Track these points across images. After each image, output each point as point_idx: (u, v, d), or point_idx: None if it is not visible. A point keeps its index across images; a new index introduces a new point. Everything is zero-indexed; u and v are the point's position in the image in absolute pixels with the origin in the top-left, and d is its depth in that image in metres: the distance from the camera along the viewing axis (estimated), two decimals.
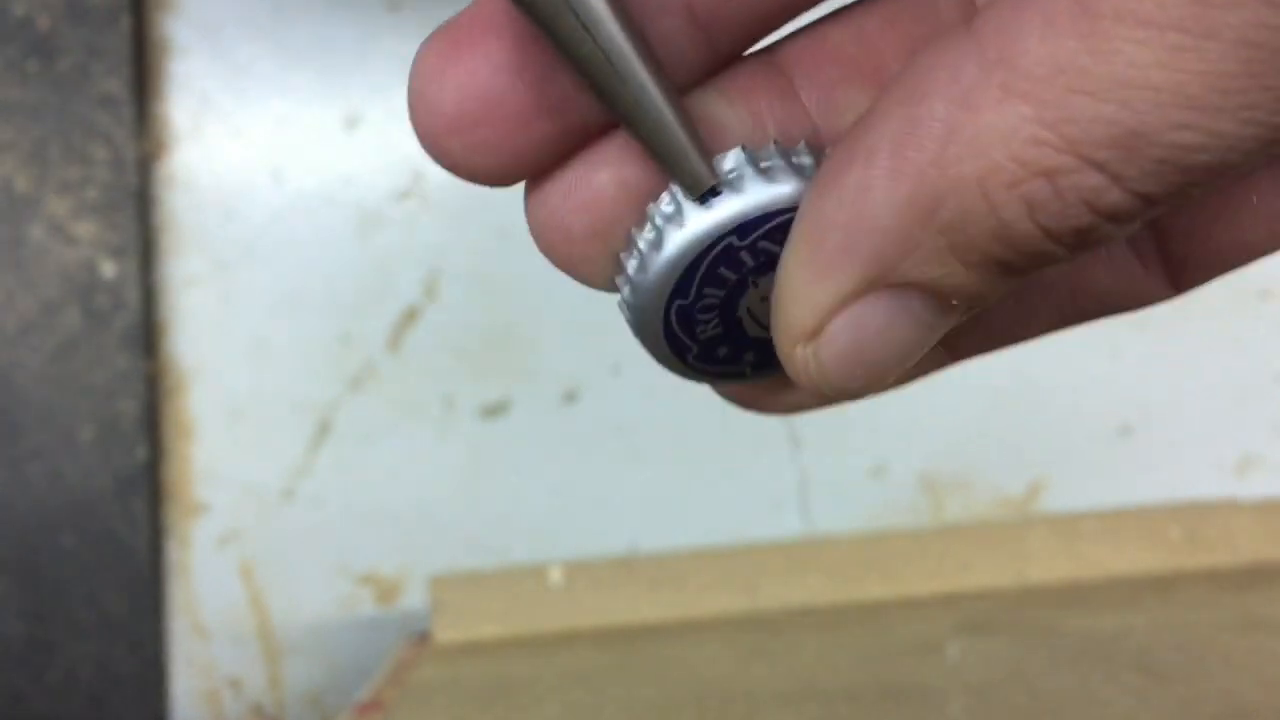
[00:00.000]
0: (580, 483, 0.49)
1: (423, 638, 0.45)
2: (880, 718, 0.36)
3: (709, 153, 0.15)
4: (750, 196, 0.15)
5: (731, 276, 0.16)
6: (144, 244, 0.47)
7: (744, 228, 0.15)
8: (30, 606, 0.47)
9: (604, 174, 0.15)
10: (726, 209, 0.15)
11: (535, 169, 0.16)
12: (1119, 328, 0.49)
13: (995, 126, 0.12)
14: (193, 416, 0.48)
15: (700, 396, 0.17)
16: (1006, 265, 0.13)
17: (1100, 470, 0.49)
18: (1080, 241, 0.13)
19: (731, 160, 0.15)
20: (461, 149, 0.15)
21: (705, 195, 0.15)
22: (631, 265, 0.16)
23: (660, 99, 0.14)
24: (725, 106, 0.16)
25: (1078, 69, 0.12)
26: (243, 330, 0.48)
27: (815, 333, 0.14)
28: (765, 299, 0.16)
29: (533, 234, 0.16)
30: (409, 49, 0.53)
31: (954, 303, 0.14)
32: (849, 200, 0.13)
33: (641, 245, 0.16)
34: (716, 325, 0.16)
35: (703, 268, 0.15)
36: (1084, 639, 0.40)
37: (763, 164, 0.15)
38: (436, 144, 0.15)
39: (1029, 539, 0.46)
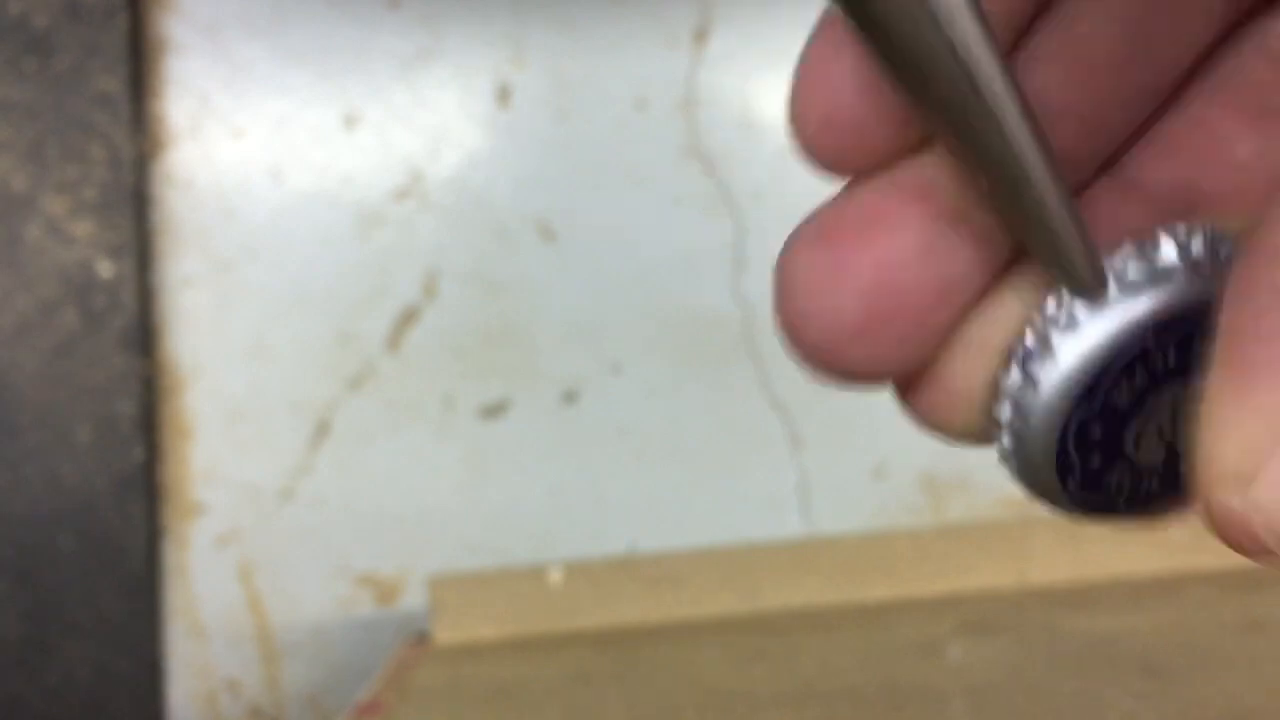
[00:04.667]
0: (580, 483, 0.49)
1: (422, 638, 0.45)
2: (881, 718, 0.35)
3: (1097, 252, 0.14)
4: (1151, 298, 0.14)
5: (1128, 392, 0.14)
6: (141, 244, 0.47)
7: (1150, 331, 0.14)
8: (27, 608, 0.46)
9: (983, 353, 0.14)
10: (1130, 310, 0.14)
11: (924, 359, 0.14)
12: None
13: None
14: (191, 417, 0.48)
15: (700, 397, 0.16)
16: None
17: None
18: None
19: (1122, 258, 0.14)
20: (865, 357, 0.14)
21: (1096, 297, 0.14)
22: (1013, 385, 0.14)
23: (1059, 195, 0.13)
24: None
25: None
26: (241, 330, 0.48)
27: (1250, 477, 0.12)
28: (1158, 421, 0.14)
29: (923, 422, 0.15)
30: (408, 48, 0.53)
31: None
32: None
33: (1027, 361, 0.14)
34: (1102, 449, 0.15)
35: (1103, 379, 0.14)
36: (1086, 640, 0.39)
37: (1160, 261, 0.14)
38: (832, 355, 0.14)
39: (1030, 539, 0.45)
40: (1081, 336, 0.14)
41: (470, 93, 0.49)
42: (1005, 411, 0.14)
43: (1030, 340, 0.14)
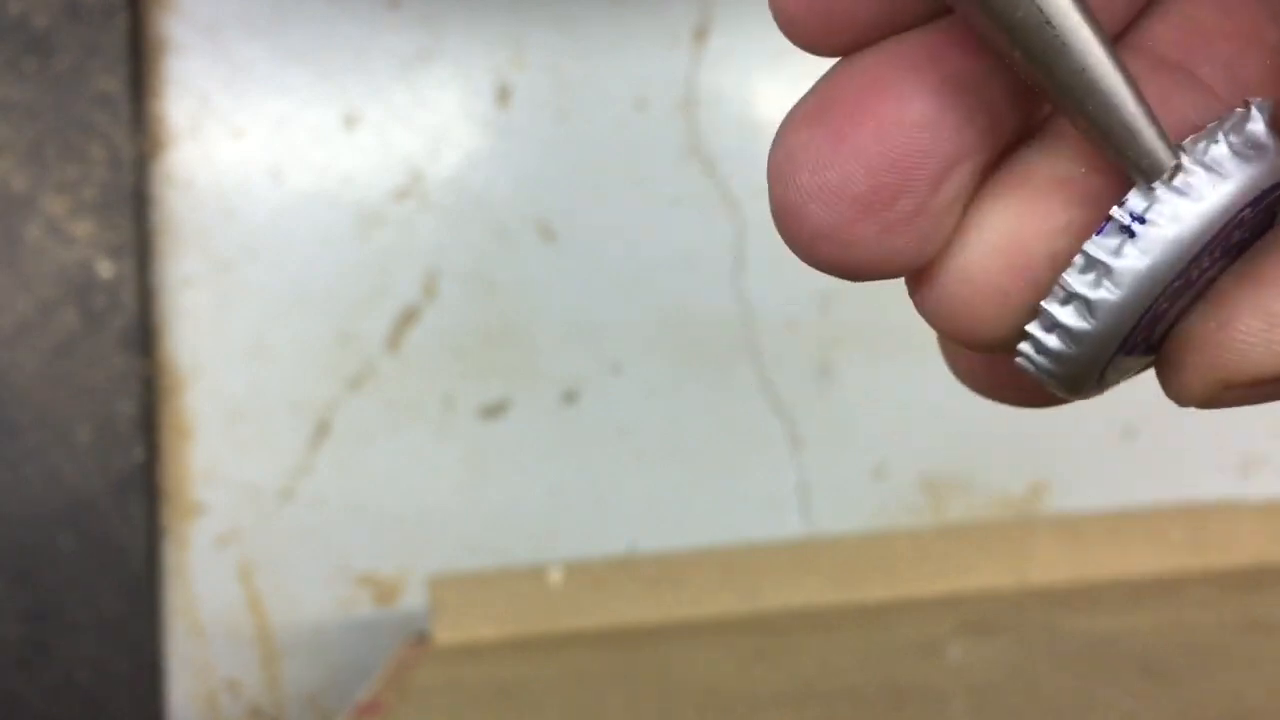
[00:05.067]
0: (580, 483, 0.49)
1: (422, 639, 0.45)
2: (881, 718, 0.35)
3: (1165, 130, 0.12)
4: (1240, 178, 0.12)
5: (1199, 274, 0.13)
6: (141, 244, 0.47)
7: (1239, 213, 0.12)
8: (27, 607, 0.46)
9: (1032, 223, 0.13)
10: (1220, 194, 0.12)
11: (938, 245, 0.13)
12: None
13: None
14: (191, 417, 0.48)
15: (700, 397, 0.16)
16: None
17: (1102, 471, 0.49)
18: None
19: (1197, 139, 0.13)
20: (876, 232, 0.13)
21: (1177, 181, 0.12)
22: (1082, 283, 0.13)
23: (1112, 65, 0.12)
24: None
25: None
26: (241, 330, 0.48)
27: (1237, 387, 0.12)
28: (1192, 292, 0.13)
29: (940, 319, 0.14)
30: (408, 48, 0.53)
31: None
32: None
33: (1099, 256, 0.12)
34: (1148, 336, 0.13)
35: (1188, 268, 0.13)
36: (1086, 640, 0.39)
37: (1247, 138, 0.12)
38: (841, 236, 0.13)
39: (1031, 540, 0.45)
40: (1170, 226, 0.12)
41: (470, 93, 0.49)
42: (1065, 312, 0.13)
43: (1107, 234, 0.13)
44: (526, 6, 0.49)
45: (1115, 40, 0.13)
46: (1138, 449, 0.49)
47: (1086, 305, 0.13)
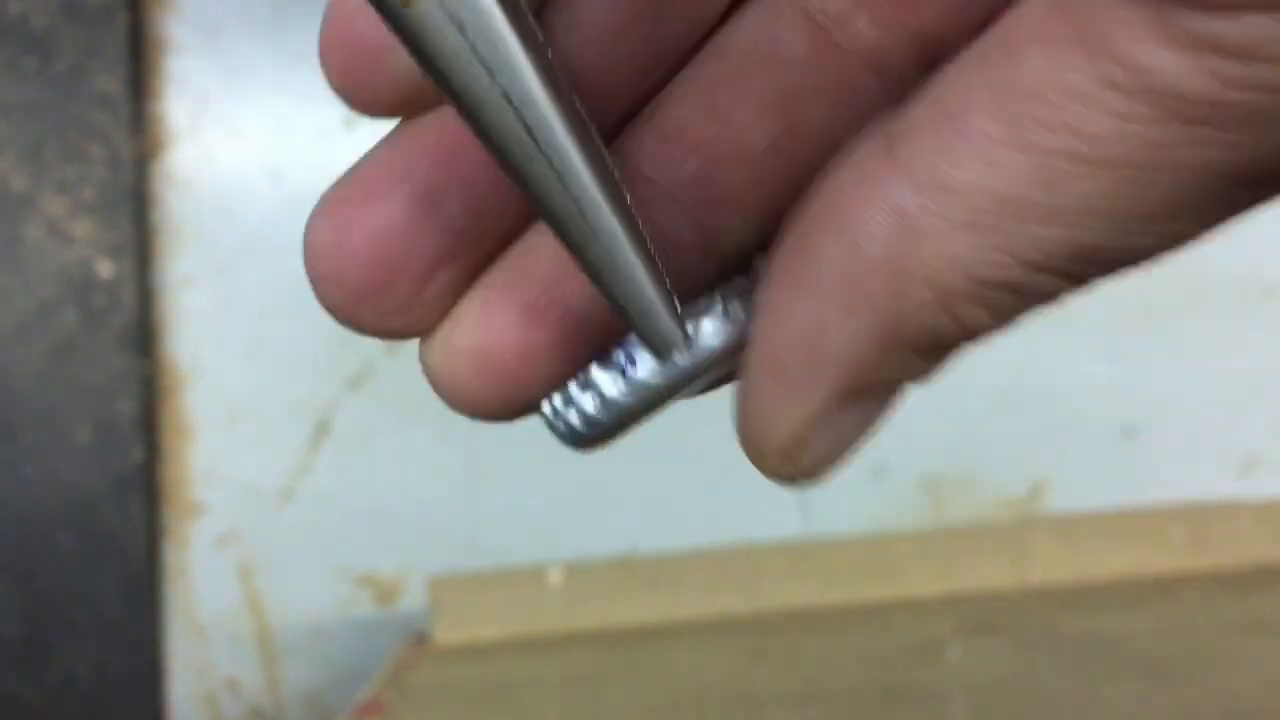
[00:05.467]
0: (580, 483, 0.49)
1: (422, 639, 0.45)
2: (881, 718, 0.35)
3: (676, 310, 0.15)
4: (717, 347, 0.15)
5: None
6: (141, 244, 0.47)
7: (714, 368, 0.15)
8: (27, 607, 0.46)
9: (495, 332, 0.15)
10: (680, 374, 0.15)
11: (438, 320, 0.15)
12: (1122, 329, 0.49)
13: (949, 256, 0.13)
14: (190, 417, 0.48)
15: (700, 398, 0.16)
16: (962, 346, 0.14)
17: (1103, 471, 0.49)
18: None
19: (697, 316, 0.15)
20: (375, 317, 0.15)
21: (672, 354, 0.15)
22: (588, 402, 0.15)
23: (638, 258, 0.14)
24: None
25: (1028, 201, 0.12)
26: (241, 330, 0.48)
27: (793, 449, 0.14)
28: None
29: (436, 390, 0.16)
30: None
31: (914, 381, 0.15)
32: (808, 337, 0.14)
33: (604, 389, 0.15)
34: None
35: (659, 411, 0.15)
36: (1086, 640, 0.40)
37: (726, 315, 0.15)
38: (351, 317, 0.15)
39: (1031, 540, 0.45)
40: (650, 390, 0.15)
41: None
42: (569, 413, 0.15)
43: (607, 367, 0.15)
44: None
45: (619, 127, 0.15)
46: (1138, 449, 0.49)
47: (586, 419, 0.15)
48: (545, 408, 0.16)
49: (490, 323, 0.15)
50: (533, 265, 0.15)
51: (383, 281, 0.14)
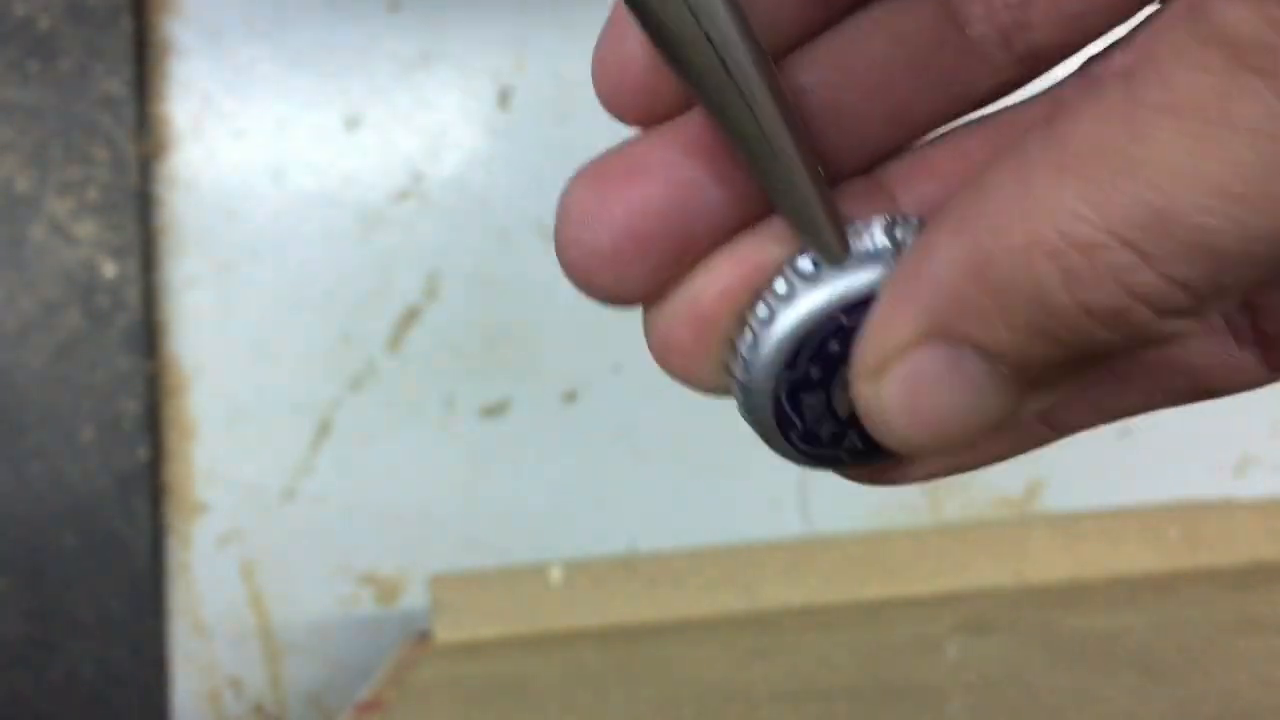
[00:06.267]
0: (580, 483, 0.49)
1: (423, 637, 0.45)
2: (880, 716, 0.36)
3: (842, 225, 0.16)
4: (856, 276, 0.15)
5: (836, 354, 0.16)
6: (145, 244, 0.47)
7: (851, 307, 0.16)
8: (31, 606, 0.47)
9: (710, 284, 0.16)
10: (835, 286, 0.16)
11: (663, 291, 0.16)
12: None
13: (1044, 200, 0.13)
14: (193, 416, 0.48)
15: (700, 397, 0.17)
16: (1054, 339, 0.14)
17: (1099, 470, 0.49)
18: (1127, 328, 0.13)
19: (866, 230, 0.16)
20: (614, 281, 0.16)
21: (832, 267, 0.16)
22: (745, 344, 0.16)
23: (807, 173, 0.15)
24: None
25: (1118, 150, 0.13)
26: (243, 330, 0.48)
27: (879, 372, 0.15)
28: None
29: (653, 353, 0.17)
30: (409, 50, 0.53)
31: (1004, 369, 0.14)
32: (918, 256, 0.15)
33: (755, 324, 0.16)
34: (820, 404, 0.17)
35: (812, 344, 0.16)
36: (1082, 638, 0.40)
37: (878, 242, 0.16)
38: (590, 279, 0.16)
39: (1028, 539, 0.46)
40: (801, 302, 0.16)
41: (471, 95, 0.49)
42: (737, 366, 0.16)
43: (762, 301, 0.16)
44: (527, 9, 0.49)
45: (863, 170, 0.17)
46: (1134, 449, 0.49)
47: (746, 364, 0.16)
48: (730, 362, 0.16)
49: (712, 286, 0.16)
50: (763, 237, 0.16)
51: (632, 253, 0.16)
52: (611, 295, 0.16)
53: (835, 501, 0.49)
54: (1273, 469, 0.50)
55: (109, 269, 0.47)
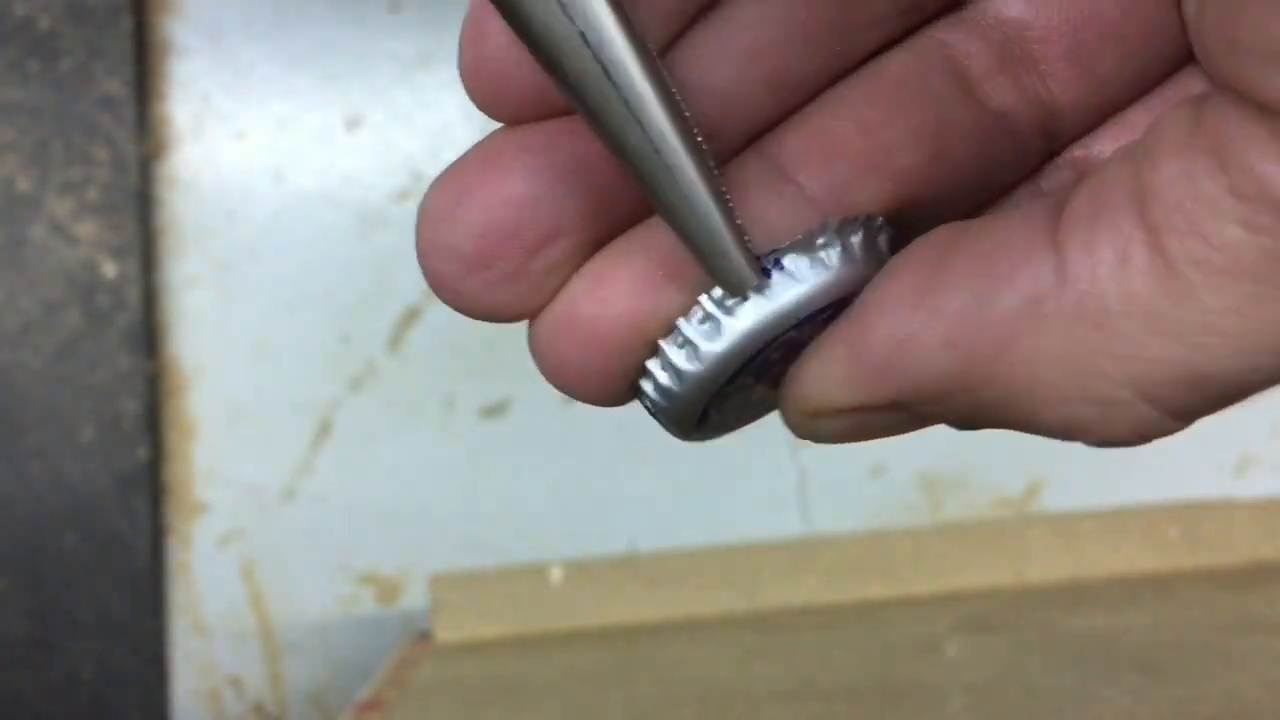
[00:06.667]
0: (580, 483, 0.49)
1: (423, 637, 0.45)
2: (879, 716, 0.36)
3: (748, 247, 0.14)
4: (805, 289, 0.14)
5: (774, 360, 0.15)
6: (145, 244, 0.48)
7: (801, 317, 0.15)
8: (32, 606, 0.47)
9: (606, 304, 0.15)
10: (781, 302, 0.14)
11: (544, 300, 0.15)
12: None
13: (1061, 346, 0.13)
14: (194, 416, 0.48)
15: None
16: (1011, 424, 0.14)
17: (1098, 470, 0.49)
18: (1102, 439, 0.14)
19: (780, 251, 0.15)
20: (481, 288, 0.15)
21: (752, 291, 0.14)
22: (669, 365, 0.15)
23: (708, 194, 0.14)
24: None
25: (1154, 311, 0.12)
26: (244, 330, 0.48)
27: (822, 415, 0.15)
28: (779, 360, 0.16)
29: (544, 373, 0.16)
30: (409, 51, 0.53)
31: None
32: (902, 340, 0.14)
33: (682, 346, 0.15)
34: (744, 399, 0.16)
35: (756, 361, 0.15)
36: (1082, 638, 0.40)
37: (818, 252, 0.14)
38: (456, 287, 0.15)
39: (1028, 538, 0.46)
40: (734, 329, 0.14)
41: None
42: (656, 388, 0.15)
43: (690, 322, 0.15)
44: None
45: (748, 144, 0.15)
46: (1134, 449, 0.49)
47: (677, 373, 0.15)
48: (642, 383, 0.15)
49: (599, 293, 0.15)
50: (647, 241, 0.15)
51: (492, 250, 0.14)
52: (484, 306, 0.15)
53: (835, 501, 0.49)
54: (1272, 469, 0.50)
55: (109, 269, 0.47)
